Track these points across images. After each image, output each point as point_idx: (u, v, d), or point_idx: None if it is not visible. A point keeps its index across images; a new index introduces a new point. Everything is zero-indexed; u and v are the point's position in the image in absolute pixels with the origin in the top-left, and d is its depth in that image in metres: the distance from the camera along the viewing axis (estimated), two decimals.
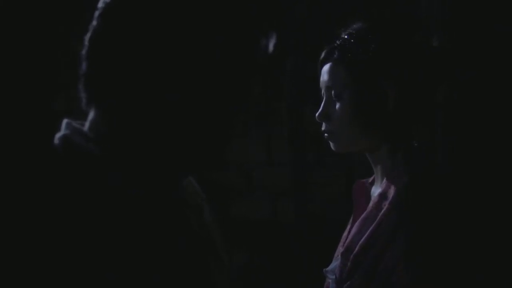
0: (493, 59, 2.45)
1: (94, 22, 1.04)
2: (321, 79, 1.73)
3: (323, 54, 1.73)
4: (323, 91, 1.73)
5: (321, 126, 1.73)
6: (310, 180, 3.58)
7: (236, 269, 1.15)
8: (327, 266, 1.76)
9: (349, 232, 1.77)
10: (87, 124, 1.07)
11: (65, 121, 1.08)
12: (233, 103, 1.06)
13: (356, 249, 1.62)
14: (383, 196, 1.65)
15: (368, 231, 1.62)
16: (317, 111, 1.73)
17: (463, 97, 2.45)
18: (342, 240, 1.78)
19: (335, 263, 1.69)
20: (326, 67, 1.71)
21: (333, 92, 1.69)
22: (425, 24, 2.51)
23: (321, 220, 3.54)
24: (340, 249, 1.76)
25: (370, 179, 1.80)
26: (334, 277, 1.67)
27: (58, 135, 1.06)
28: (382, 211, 1.62)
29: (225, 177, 3.64)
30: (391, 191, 1.63)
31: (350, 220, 1.80)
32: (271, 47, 1.07)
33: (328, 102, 1.70)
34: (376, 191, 1.73)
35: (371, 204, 1.67)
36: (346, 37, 1.70)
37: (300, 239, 3.58)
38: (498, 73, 2.46)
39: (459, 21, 2.46)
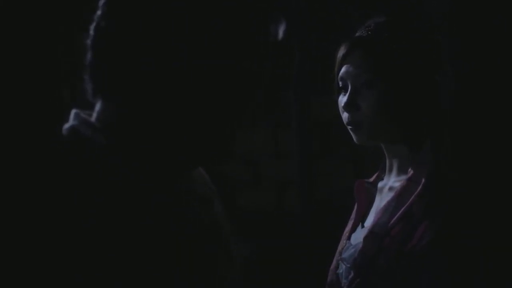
0: (495, 55, 2.45)
1: (99, 11, 1.04)
2: (345, 68, 1.71)
3: (348, 45, 1.72)
4: (346, 81, 1.71)
5: (345, 119, 1.71)
6: (316, 171, 3.58)
7: (242, 260, 1.16)
8: (332, 260, 1.77)
9: (353, 226, 1.79)
10: (94, 115, 1.07)
11: (73, 111, 1.08)
12: (241, 94, 1.05)
13: (384, 231, 1.64)
14: (412, 180, 1.65)
15: (398, 212, 1.63)
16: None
17: (468, 96, 2.45)
18: (345, 234, 1.80)
19: (352, 250, 1.70)
20: (354, 56, 1.70)
21: (362, 80, 1.68)
22: (428, 20, 2.51)
23: (327, 211, 3.53)
24: (344, 242, 1.77)
25: (371, 179, 1.82)
26: (349, 265, 1.68)
27: (66, 126, 1.06)
28: (415, 193, 1.63)
29: (231, 168, 3.63)
30: (422, 175, 1.64)
31: (353, 215, 1.82)
32: (280, 34, 1.06)
33: (354, 92, 1.69)
34: (388, 183, 1.75)
35: (397, 189, 1.68)
36: (377, 27, 1.70)
37: (306, 230, 3.58)
38: (499, 69, 2.46)
39: (461, 17, 2.45)
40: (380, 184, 1.78)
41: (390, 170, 1.75)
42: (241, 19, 1.04)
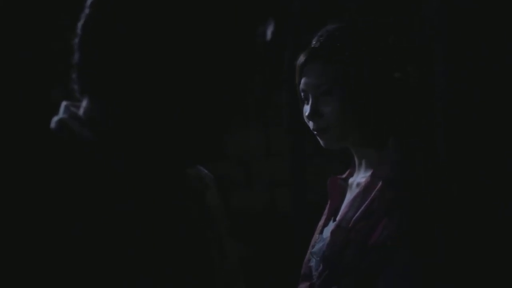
0: (492, 61, 2.47)
1: (87, 10, 1.03)
2: (305, 80, 1.78)
3: (305, 56, 1.78)
4: (307, 92, 1.78)
5: (310, 126, 1.78)
6: (308, 170, 3.58)
7: (237, 255, 1.18)
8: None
9: (325, 220, 1.86)
10: (81, 110, 1.06)
11: (63, 103, 1.07)
12: (231, 93, 1.05)
13: (348, 225, 1.69)
14: (376, 175, 1.72)
15: (362, 207, 1.70)
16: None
17: (463, 98, 2.46)
18: (318, 229, 1.86)
19: (321, 243, 1.76)
20: (311, 67, 1.77)
21: (321, 90, 1.73)
22: (425, 26, 2.52)
23: (319, 210, 3.53)
24: (317, 236, 1.84)
25: (344, 175, 1.89)
26: (318, 258, 1.74)
27: (55, 119, 1.05)
28: (376, 188, 1.69)
29: (223, 168, 3.63)
30: (385, 171, 1.71)
31: (325, 211, 1.89)
32: (269, 34, 1.06)
33: (315, 100, 1.75)
34: (356, 179, 1.81)
35: (362, 185, 1.74)
36: (329, 36, 1.76)
37: (298, 229, 3.58)
38: (496, 74, 2.47)
39: (457, 23, 2.46)
40: (350, 180, 1.85)
41: (359, 167, 1.82)
42: (231, 19, 1.03)
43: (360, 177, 1.79)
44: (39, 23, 3.42)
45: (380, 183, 1.70)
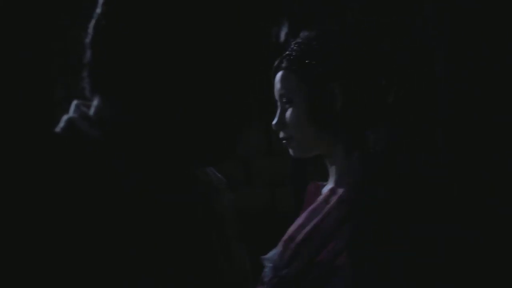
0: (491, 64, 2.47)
1: (99, 10, 1.03)
2: (275, 88, 1.79)
3: (275, 64, 1.78)
4: (278, 101, 1.78)
5: (279, 134, 1.78)
6: (308, 170, 3.57)
7: (246, 260, 1.19)
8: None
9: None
10: (92, 109, 1.06)
11: (74, 102, 1.07)
12: (233, 93, 1.05)
13: (299, 238, 1.68)
14: (332, 191, 1.71)
15: (313, 222, 1.68)
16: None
17: (462, 107, 2.46)
18: (286, 234, 1.81)
19: (274, 251, 1.75)
20: (278, 76, 1.77)
21: (285, 99, 1.75)
22: (426, 26, 2.52)
23: None
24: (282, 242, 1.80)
25: (325, 182, 1.85)
26: (271, 264, 1.72)
27: (64, 117, 1.05)
28: (330, 204, 1.68)
29: (224, 168, 3.62)
30: (342, 185, 1.70)
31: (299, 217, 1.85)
32: (282, 36, 1.06)
33: (282, 110, 1.76)
34: (326, 188, 1.79)
35: (320, 197, 1.73)
36: (294, 45, 1.76)
37: None
38: (495, 80, 2.47)
39: (459, 23, 2.46)
40: (324, 189, 1.82)
41: (331, 177, 1.80)
42: (244, 19, 1.03)
43: (327, 188, 1.78)
44: (39, 23, 3.42)
45: (336, 197, 1.68)
